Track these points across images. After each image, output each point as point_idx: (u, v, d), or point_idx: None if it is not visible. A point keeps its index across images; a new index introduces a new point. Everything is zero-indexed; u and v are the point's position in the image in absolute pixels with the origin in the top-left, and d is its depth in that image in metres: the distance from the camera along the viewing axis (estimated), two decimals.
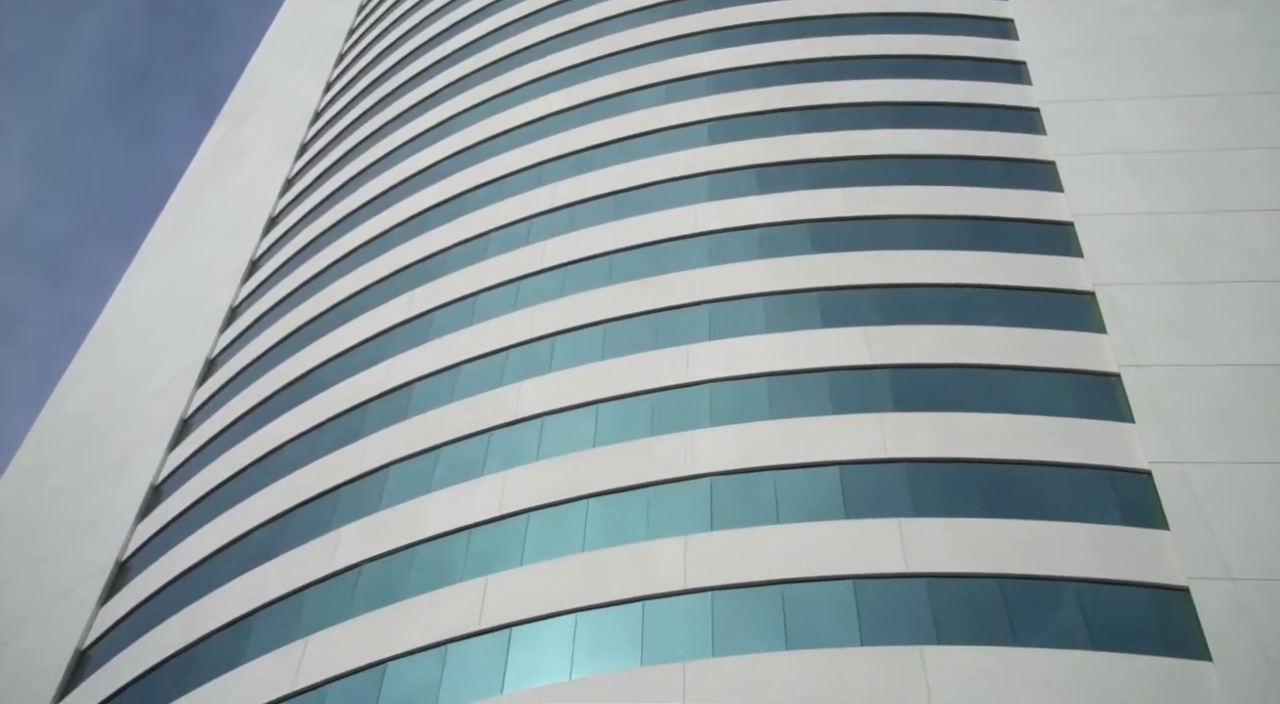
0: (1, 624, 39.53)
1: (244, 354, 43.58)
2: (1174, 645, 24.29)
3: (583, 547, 28.05)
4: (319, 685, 27.56)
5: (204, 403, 43.53)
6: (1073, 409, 29.43)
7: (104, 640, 34.80)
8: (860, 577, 26.05)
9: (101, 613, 35.79)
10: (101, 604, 36.31)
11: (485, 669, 26.16)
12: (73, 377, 57.03)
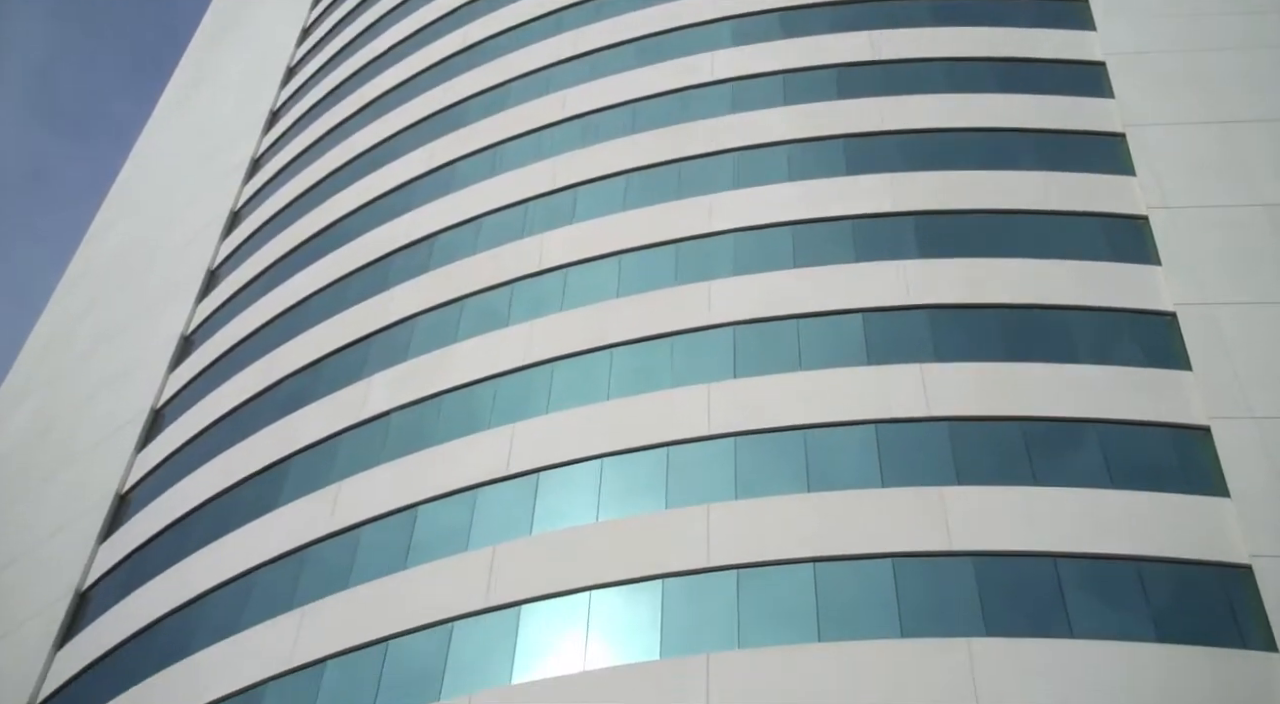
0: (43, 464, 40.48)
1: (268, 205, 43.63)
2: (1193, 483, 24.59)
3: (607, 395, 28.39)
4: (354, 527, 28.26)
5: (230, 254, 43.77)
6: (1099, 253, 29.31)
7: (142, 485, 35.64)
8: (881, 421, 26.32)
9: (138, 459, 36.59)
10: (138, 450, 37.08)
11: (514, 512, 26.74)
12: (99, 230, 57.28)
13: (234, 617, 28.26)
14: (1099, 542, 23.61)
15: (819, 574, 23.97)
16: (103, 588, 33.03)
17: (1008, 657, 21.98)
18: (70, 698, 30.26)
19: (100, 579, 33.41)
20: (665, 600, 24.12)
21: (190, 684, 27.15)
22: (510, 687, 23.49)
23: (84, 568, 33.86)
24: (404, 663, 24.87)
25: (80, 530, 35.40)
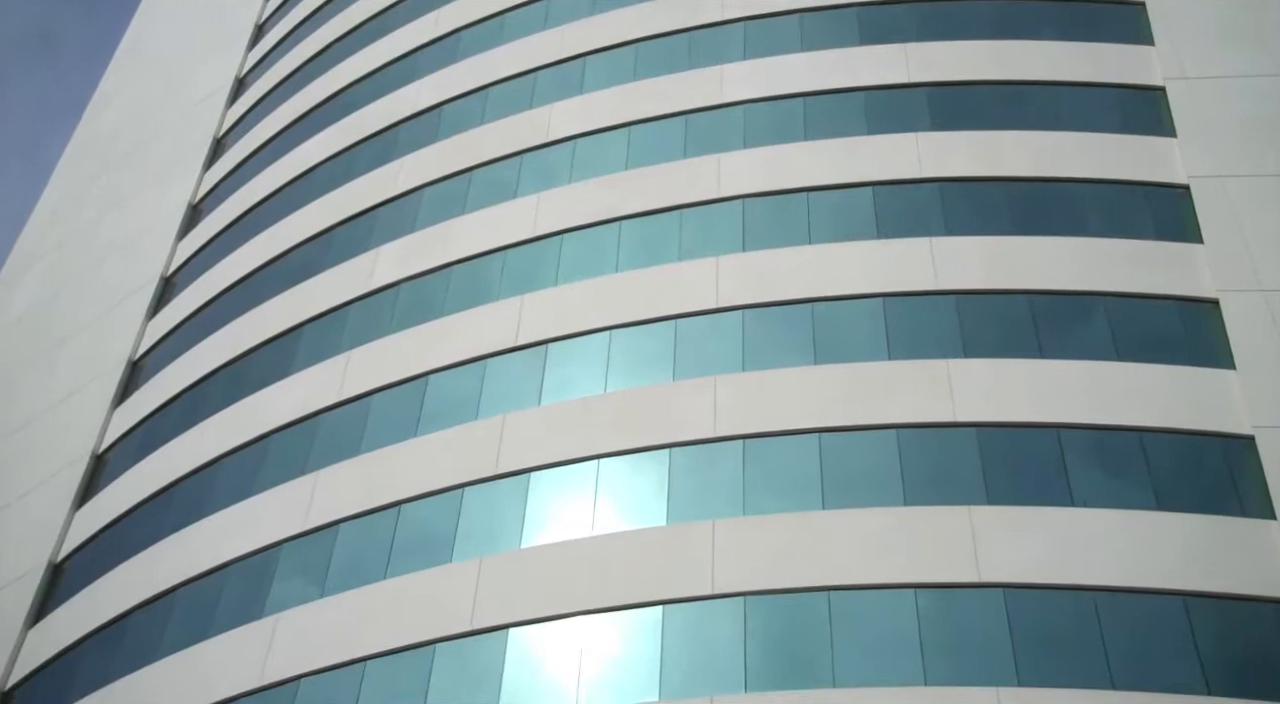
0: (54, 329, 40.82)
1: (273, 73, 43.18)
2: (1199, 356, 24.73)
3: (616, 267, 28.43)
4: (364, 395, 28.58)
5: (236, 122, 43.47)
6: (1114, 125, 29.04)
7: (154, 352, 35.95)
8: (889, 294, 26.38)
9: (150, 327, 36.85)
10: (149, 318, 37.32)
11: (522, 383, 26.99)
12: (104, 96, 56.79)
13: (248, 481, 28.75)
14: (1103, 413, 23.83)
15: (824, 445, 24.27)
16: (119, 451, 33.55)
17: (1008, 524, 22.37)
18: (90, 556, 30.96)
19: (116, 443, 33.92)
20: (672, 469, 24.49)
21: (206, 544, 27.74)
22: (520, 551, 23.98)
23: (99, 432, 34.35)
24: (416, 527, 25.36)
25: (94, 395, 35.83)
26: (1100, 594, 21.54)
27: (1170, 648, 20.77)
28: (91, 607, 29.08)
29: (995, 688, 20.39)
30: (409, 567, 24.74)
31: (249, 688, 24.25)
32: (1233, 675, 20.46)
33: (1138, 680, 20.45)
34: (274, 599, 25.69)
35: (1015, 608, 21.50)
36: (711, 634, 21.93)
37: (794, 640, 21.56)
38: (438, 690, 22.59)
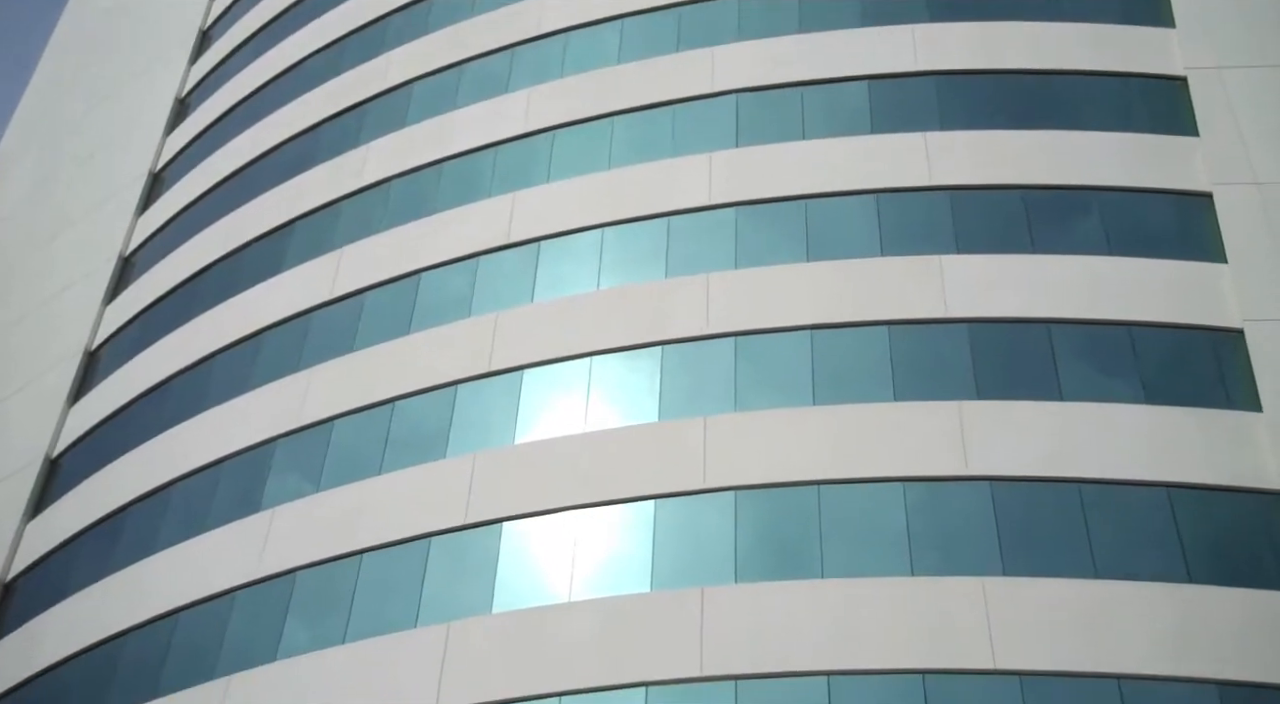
0: (44, 225, 40.65)
1: None
2: (1191, 250, 24.74)
3: (608, 164, 28.26)
4: (357, 293, 28.60)
5: (223, 13, 42.84)
6: (1113, 15, 28.69)
7: (145, 248, 35.86)
8: (883, 190, 26.28)
9: (140, 222, 36.70)
10: (139, 214, 37.15)
11: (515, 280, 27.00)
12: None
13: (243, 377, 28.88)
14: (1094, 308, 23.91)
15: (816, 341, 24.37)
16: (112, 347, 33.63)
17: (997, 417, 22.57)
18: (87, 450, 31.22)
19: (109, 339, 33.98)
20: (664, 366, 24.62)
21: (202, 440, 27.97)
22: (513, 446, 24.20)
23: (92, 327, 34.39)
24: (410, 423, 25.56)
25: (86, 291, 35.81)
26: (1086, 486, 21.83)
27: (1153, 538, 21.11)
28: (89, 501, 29.39)
29: (981, 578, 20.76)
30: (403, 462, 24.99)
31: (246, 580, 24.63)
32: (1214, 565, 20.83)
33: (1121, 570, 20.82)
34: (270, 494, 25.98)
35: (1002, 500, 21.80)
36: (702, 528, 22.24)
37: (784, 533, 21.88)
38: (433, 582, 22.96)
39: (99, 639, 26.04)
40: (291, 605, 23.86)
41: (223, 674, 23.62)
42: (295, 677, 22.69)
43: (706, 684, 20.48)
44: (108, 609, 26.42)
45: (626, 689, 20.63)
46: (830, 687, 20.19)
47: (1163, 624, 20.10)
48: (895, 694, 19.89)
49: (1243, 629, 19.98)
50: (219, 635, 24.28)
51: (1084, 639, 20.03)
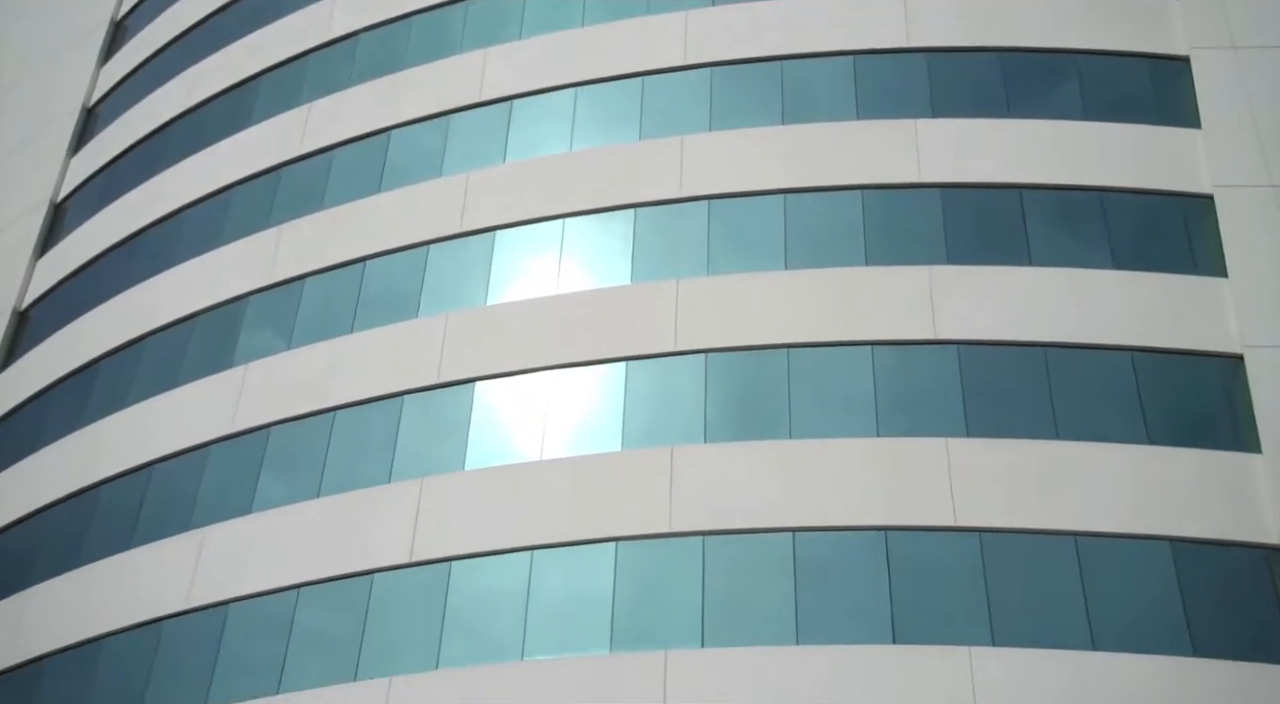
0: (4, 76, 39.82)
1: None
2: (1167, 115, 24.69)
3: (582, 21, 27.76)
4: (327, 149, 28.28)
5: None
6: None
7: (109, 99, 35.22)
8: (860, 52, 25.96)
9: (103, 72, 35.96)
10: (102, 63, 36.37)
11: (487, 140, 26.72)
12: None
13: (211, 233, 28.69)
14: (1066, 173, 23.94)
15: (789, 205, 24.35)
16: (78, 200, 33.26)
17: (967, 282, 22.76)
18: (53, 305, 31.10)
19: (74, 192, 33.58)
20: (637, 229, 24.59)
21: (172, 294, 27.90)
22: (486, 307, 24.27)
23: (57, 180, 33.94)
24: (381, 283, 25.54)
25: (49, 143, 35.23)
26: (1052, 351, 22.14)
27: (1116, 401, 21.51)
28: (59, 354, 29.38)
29: (945, 438, 21.16)
30: (375, 322, 25.04)
31: (220, 434, 24.84)
32: (1174, 427, 21.28)
33: (1082, 432, 21.25)
34: (242, 350, 26.05)
35: (969, 364, 22.10)
36: (673, 389, 22.50)
37: (753, 395, 22.16)
38: (406, 440, 23.23)
39: (73, 490, 26.32)
40: (265, 460, 24.13)
41: (198, 525, 23.99)
42: (270, 528, 23.06)
43: (675, 539, 20.96)
44: (81, 461, 26.65)
45: (597, 544, 21.10)
46: (795, 542, 20.71)
47: (1120, 484, 20.62)
48: (857, 549, 20.42)
49: (1198, 489, 20.53)
50: (193, 488, 24.59)
51: (1043, 498, 20.54)
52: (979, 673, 19.02)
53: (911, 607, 19.79)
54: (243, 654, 21.92)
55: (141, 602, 23.41)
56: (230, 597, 22.61)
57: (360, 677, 20.86)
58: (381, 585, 21.73)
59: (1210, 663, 18.91)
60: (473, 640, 20.70)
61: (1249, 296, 22.17)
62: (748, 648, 19.61)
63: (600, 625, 20.32)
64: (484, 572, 21.34)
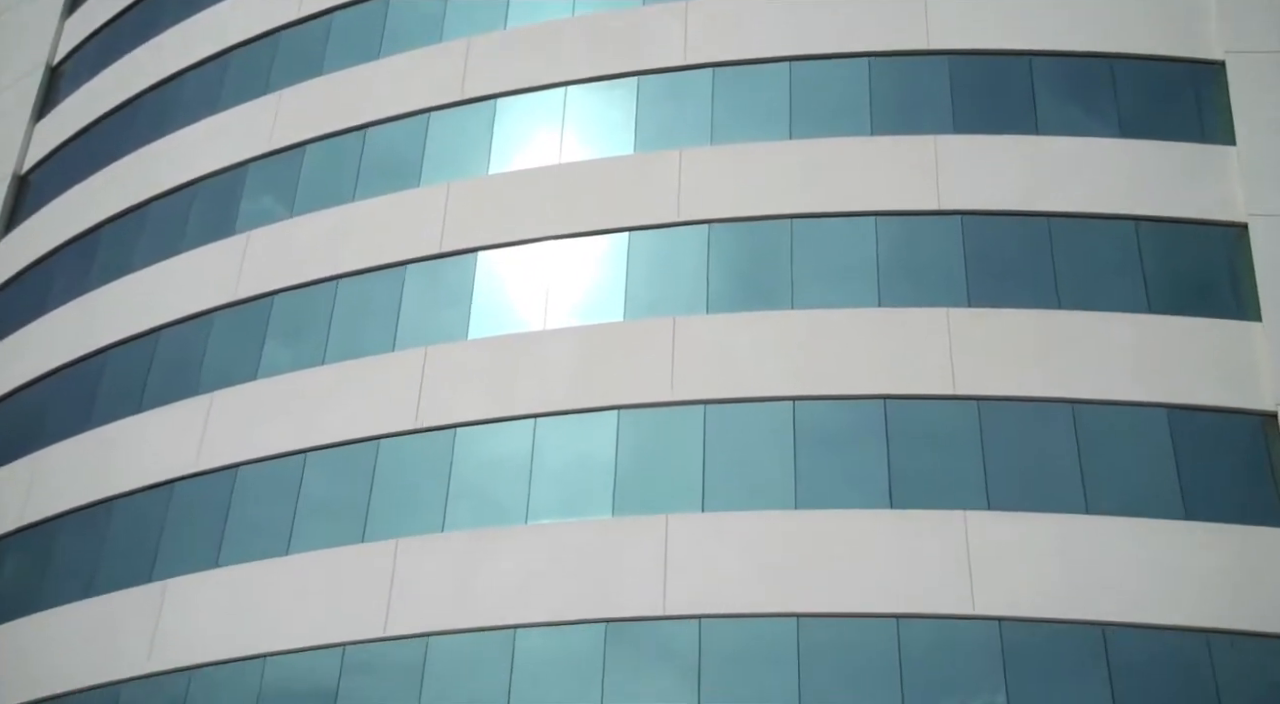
0: None
1: None
2: None
3: None
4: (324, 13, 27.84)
5: None
6: None
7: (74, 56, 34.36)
8: None
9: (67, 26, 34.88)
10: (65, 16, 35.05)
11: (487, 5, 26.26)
12: None
13: (211, 98, 28.39)
14: (1075, 39, 23.56)
15: (794, 73, 24.02)
16: (75, 63, 32.84)
17: (972, 151, 22.58)
18: (54, 170, 30.94)
19: (71, 54, 33.12)
20: (640, 98, 24.29)
21: (172, 160, 27.74)
22: (487, 176, 24.13)
23: (53, 42, 33.45)
24: (382, 150, 25.35)
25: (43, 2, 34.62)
26: (1055, 220, 22.07)
27: (1118, 270, 21.52)
28: (62, 219, 29.33)
29: (946, 308, 21.23)
30: (377, 190, 24.93)
31: (224, 301, 24.94)
32: (1177, 297, 21.33)
33: (1084, 302, 21.31)
34: (244, 217, 25.99)
35: (971, 235, 22.06)
36: (676, 259, 22.50)
37: (756, 266, 22.17)
38: (409, 309, 23.32)
39: (80, 355, 26.53)
40: (270, 328, 24.27)
41: (205, 391, 24.23)
42: (276, 395, 23.31)
43: (676, 408, 21.20)
44: (87, 326, 26.81)
45: (599, 413, 21.34)
46: (795, 411, 20.94)
47: (1120, 352, 20.75)
48: (857, 418, 20.66)
49: (1197, 356, 20.67)
50: (199, 355, 24.77)
51: (1042, 366, 20.70)
52: (974, 536, 19.41)
53: (909, 473, 20.10)
54: (252, 516, 22.35)
55: (151, 464, 23.79)
56: (239, 460, 22.96)
57: (368, 539, 21.29)
58: (387, 451, 22.06)
59: (1202, 526, 19.28)
60: (477, 505, 21.08)
61: (1256, 164, 22.02)
62: (747, 512, 19.98)
63: (603, 491, 20.67)
64: (488, 438, 21.63)
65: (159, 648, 21.63)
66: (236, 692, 20.71)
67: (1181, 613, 18.68)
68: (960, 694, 18.43)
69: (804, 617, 19.19)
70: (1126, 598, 18.79)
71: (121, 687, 21.73)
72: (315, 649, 20.61)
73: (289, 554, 21.65)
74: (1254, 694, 18.25)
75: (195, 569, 22.24)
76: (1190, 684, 18.29)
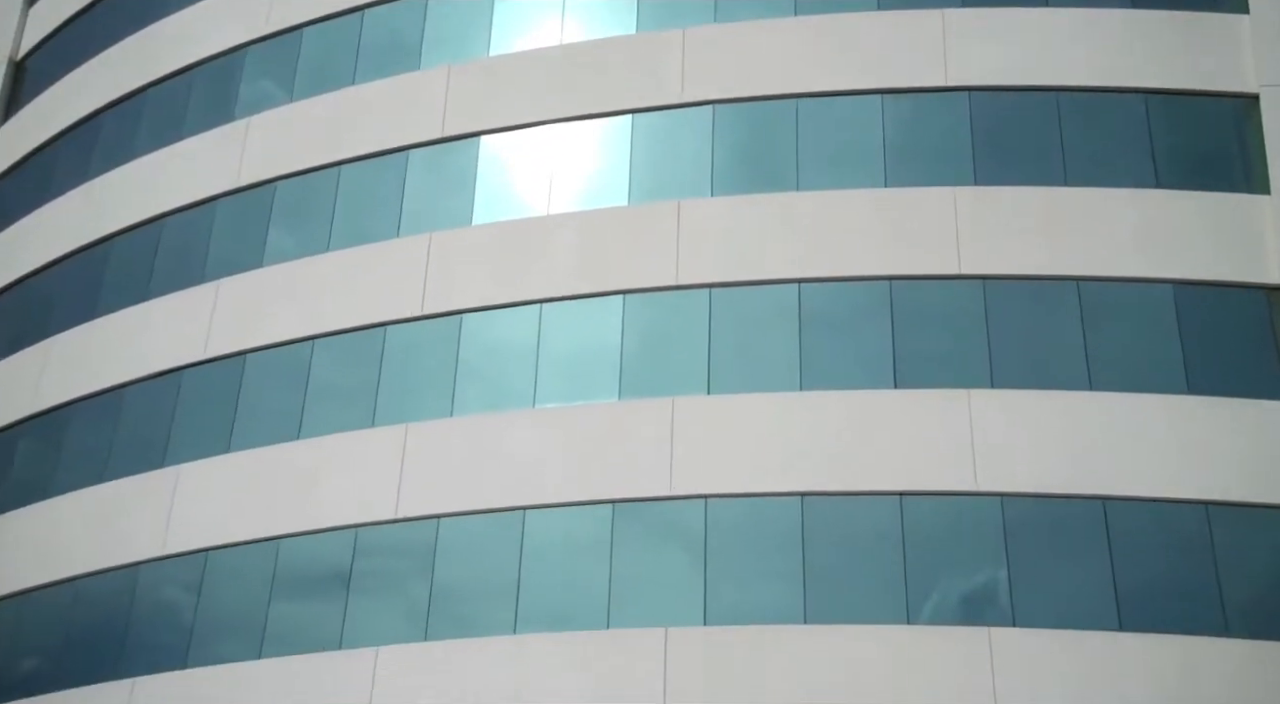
0: None
1: None
2: None
3: None
4: None
5: None
6: None
7: None
8: None
9: None
10: None
11: None
12: None
13: None
14: None
15: None
16: None
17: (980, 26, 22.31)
18: (50, 55, 30.62)
19: None
20: None
21: (169, 44, 27.42)
22: (489, 59, 23.79)
23: None
24: (381, 32, 24.98)
25: None
26: (1063, 95, 21.82)
27: (1127, 146, 21.34)
28: (59, 107, 29.07)
29: (952, 187, 21.11)
30: (377, 73, 24.61)
31: (227, 188, 24.85)
32: (1185, 171, 21.20)
33: (1092, 178, 21.18)
34: (244, 103, 25.73)
35: (979, 111, 21.83)
36: (680, 141, 22.30)
37: (761, 147, 21.99)
38: (413, 195, 23.22)
39: (84, 243, 26.52)
40: (273, 215, 24.20)
41: (211, 279, 24.27)
42: (282, 281, 23.35)
43: (682, 292, 21.22)
44: (90, 214, 26.74)
45: (605, 297, 21.37)
46: (800, 293, 20.97)
47: (1126, 228, 20.68)
48: (862, 299, 20.69)
49: (1203, 231, 20.61)
50: (204, 242, 24.75)
51: (1048, 244, 20.65)
52: (977, 414, 19.58)
53: (914, 353, 20.19)
54: (262, 403, 22.55)
55: (160, 351, 23.94)
56: (247, 347, 23.09)
57: (378, 424, 21.51)
58: (394, 337, 22.16)
59: (1205, 400, 19.40)
60: (485, 390, 21.24)
61: (1268, 33, 21.67)
62: (752, 394, 20.13)
63: (609, 375, 20.81)
64: (494, 324, 21.71)
65: (174, 531, 22.01)
66: (252, 574, 21.11)
67: (1182, 486, 18.92)
68: (962, 569, 18.76)
69: (808, 495, 19.46)
70: (1128, 472, 19.01)
71: (139, 568, 22.14)
72: (328, 531, 20.95)
73: (299, 439, 21.89)
74: (1253, 565, 18.55)
75: (206, 455, 22.50)
76: (1189, 556, 18.59)
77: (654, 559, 19.39)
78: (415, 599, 19.94)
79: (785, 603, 18.71)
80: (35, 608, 23.00)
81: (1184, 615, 18.20)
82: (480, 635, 19.34)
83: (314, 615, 20.38)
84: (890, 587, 18.67)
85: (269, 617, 20.65)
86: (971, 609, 18.49)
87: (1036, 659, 17.91)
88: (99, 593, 22.33)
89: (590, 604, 19.18)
